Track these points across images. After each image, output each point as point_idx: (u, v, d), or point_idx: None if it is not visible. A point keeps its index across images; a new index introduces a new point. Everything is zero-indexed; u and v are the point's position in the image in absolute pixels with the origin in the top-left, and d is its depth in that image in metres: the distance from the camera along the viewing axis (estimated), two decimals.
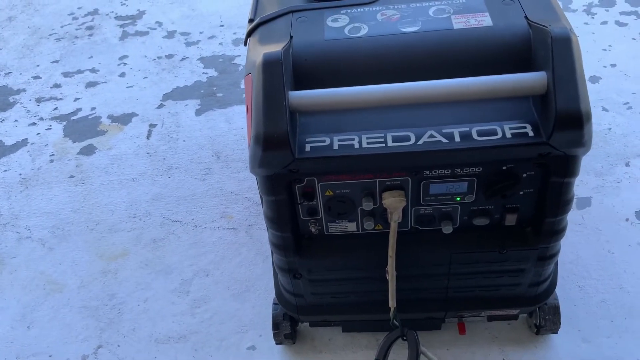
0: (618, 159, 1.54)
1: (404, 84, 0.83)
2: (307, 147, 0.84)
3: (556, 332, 1.15)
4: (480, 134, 0.83)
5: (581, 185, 1.47)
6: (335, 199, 0.92)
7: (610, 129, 1.63)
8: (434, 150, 0.83)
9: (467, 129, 0.83)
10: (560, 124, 0.79)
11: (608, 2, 2.12)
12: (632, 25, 2.01)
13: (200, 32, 2.21)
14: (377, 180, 0.89)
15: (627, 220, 1.39)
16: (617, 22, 2.03)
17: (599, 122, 1.64)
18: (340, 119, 0.87)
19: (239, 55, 2.07)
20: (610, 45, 1.93)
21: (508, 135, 0.82)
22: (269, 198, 0.91)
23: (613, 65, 1.85)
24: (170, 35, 2.21)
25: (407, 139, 0.83)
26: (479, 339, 1.18)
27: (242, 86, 1.93)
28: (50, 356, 1.25)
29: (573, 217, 1.39)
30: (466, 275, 1.01)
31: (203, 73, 2.01)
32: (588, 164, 1.52)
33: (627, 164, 1.53)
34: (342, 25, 0.93)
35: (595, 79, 1.80)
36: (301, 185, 0.90)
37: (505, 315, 1.13)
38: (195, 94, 1.92)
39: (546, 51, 0.81)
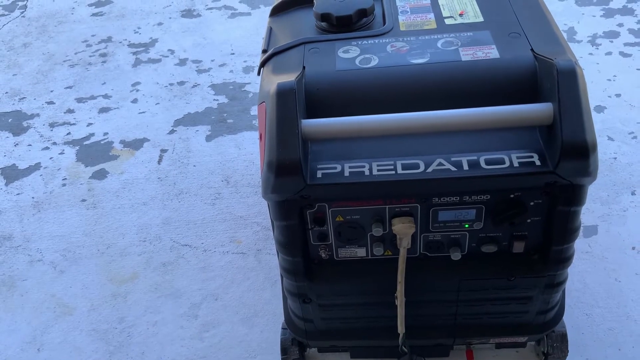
0: (624, 188, 1.56)
1: (413, 114, 0.85)
2: (319, 174, 0.86)
3: None
4: (488, 162, 0.85)
5: (587, 213, 1.48)
6: (346, 225, 0.94)
7: (615, 157, 1.65)
8: (443, 178, 0.84)
9: (476, 157, 0.85)
10: (566, 154, 0.81)
11: (612, 33, 2.16)
12: (636, 56, 2.04)
13: (212, 60, 2.25)
14: (387, 206, 0.91)
15: (633, 248, 1.40)
16: (622, 53, 2.06)
17: (605, 151, 1.66)
18: (351, 146, 0.89)
19: (249, 83, 2.11)
20: (615, 76, 1.95)
21: (515, 164, 0.84)
22: (281, 223, 0.93)
23: (618, 95, 1.87)
24: (182, 62, 2.26)
25: (417, 166, 0.85)
26: None
27: (252, 112, 1.96)
28: None
29: (580, 245, 1.40)
30: (474, 302, 1.02)
31: (214, 100, 2.05)
32: (594, 192, 1.54)
33: (632, 193, 1.54)
34: (353, 56, 0.96)
35: (600, 109, 1.82)
36: (312, 210, 0.92)
37: (513, 342, 1.14)
38: (206, 120, 1.96)
39: (552, 83, 0.83)
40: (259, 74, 1.01)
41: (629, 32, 2.15)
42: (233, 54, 2.28)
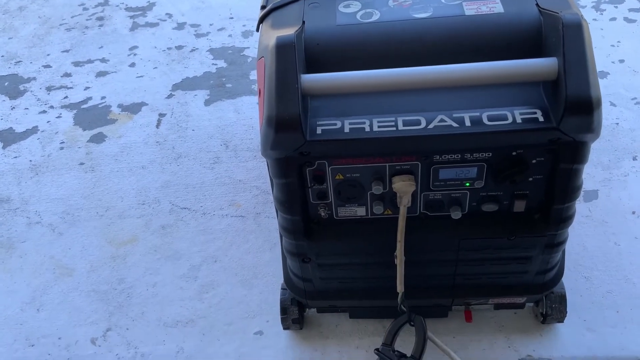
0: (625, 153, 1.55)
1: (415, 69, 0.84)
2: (319, 130, 0.85)
3: (562, 321, 1.15)
4: (490, 119, 0.83)
5: (588, 178, 1.48)
6: (345, 183, 0.93)
7: (617, 123, 1.63)
8: (445, 135, 0.83)
9: (478, 114, 0.84)
10: (570, 110, 0.79)
11: None
12: None
13: (210, 24, 2.22)
14: (387, 164, 0.90)
15: (633, 213, 1.39)
16: (626, 19, 2.03)
17: (607, 117, 1.65)
18: (351, 102, 0.88)
19: (248, 47, 2.08)
20: (618, 41, 1.93)
21: (518, 120, 0.83)
22: (280, 181, 0.92)
23: (621, 61, 1.85)
24: (180, 26, 2.23)
25: (418, 123, 0.84)
26: (485, 327, 1.19)
27: (252, 77, 1.94)
28: (59, 338, 1.26)
29: (580, 209, 1.39)
30: (474, 261, 1.02)
31: (212, 64, 2.02)
32: (596, 157, 1.53)
33: (634, 158, 1.53)
34: (354, 11, 0.94)
35: (603, 75, 1.80)
36: (312, 168, 0.91)
37: (511, 303, 1.14)
38: (205, 85, 1.93)
39: (557, 37, 0.81)
40: (257, 29, 0.99)
41: None
42: (232, 18, 2.24)
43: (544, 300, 1.14)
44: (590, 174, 1.49)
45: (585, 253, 1.31)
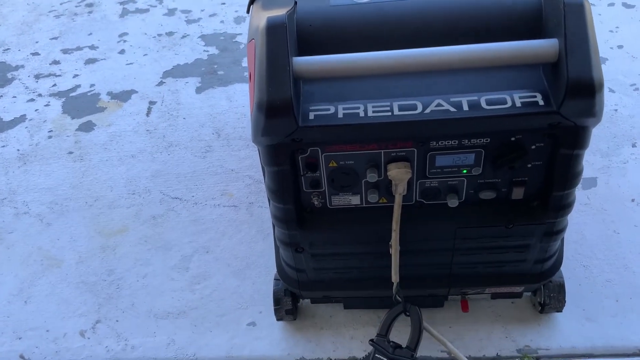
0: (624, 140, 1.52)
1: (411, 50, 0.81)
2: (311, 116, 0.82)
3: (561, 311, 1.13)
4: (489, 103, 0.81)
5: (587, 165, 1.44)
6: (339, 171, 0.90)
7: (617, 110, 1.61)
8: (442, 119, 0.80)
9: (476, 97, 0.81)
10: (571, 93, 0.77)
11: None
12: (639, 7, 1.99)
13: (202, 10, 2.18)
14: (382, 151, 0.87)
15: (632, 200, 1.37)
16: (624, 4, 2.01)
17: (606, 103, 1.60)
18: (345, 87, 0.85)
19: (241, 34, 2.04)
20: (617, 27, 1.90)
21: (518, 104, 0.80)
22: (272, 169, 0.89)
23: (620, 47, 1.82)
24: (171, 12, 2.18)
25: (414, 107, 0.81)
26: (482, 316, 1.17)
27: (244, 64, 1.90)
28: (47, 331, 1.24)
29: (579, 197, 1.37)
30: (471, 250, 1.00)
31: (204, 51, 1.98)
32: (594, 144, 1.50)
33: (633, 145, 1.51)
34: None
35: (602, 60, 1.76)
36: (304, 155, 0.88)
37: (509, 293, 1.12)
38: (196, 72, 1.90)
39: (558, 18, 0.78)
40: (248, 11, 0.95)
41: None
42: (224, 3, 2.20)
43: (542, 289, 1.12)
44: (589, 161, 1.46)
45: (584, 241, 1.29)
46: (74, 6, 2.29)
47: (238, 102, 1.77)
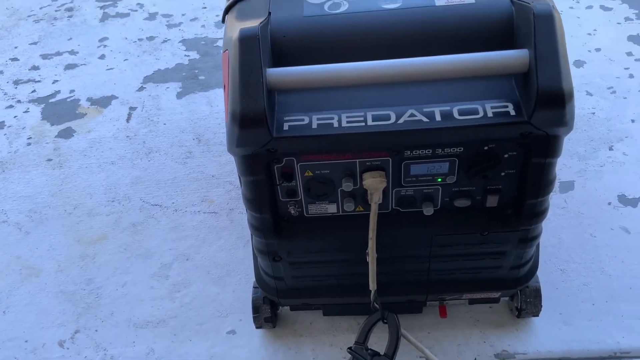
0: (601, 143, 1.54)
1: (384, 62, 0.81)
2: (286, 126, 0.82)
3: (537, 315, 1.14)
4: (461, 113, 0.81)
5: (564, 169, 1.47)
6: (315, 180, 0.90)
7: (594, 113, 1.62)
8: (415, 130, 0.81)
9: (449, 108, 0.82)
10: (541, 103, 0.77)
11: None
12: (617, 9, 2.01)
13: (183, 14, 2.17)
14: (358, 160, 0.88)
15: (609, 204, 1.39)
16: (602, 7, 2.02)
17: (583, 106, 1.64)
18: (320, 97, 0.85)
19: (222, 38, 2.03)
20: (595, 30, 1.92)
21: (489, 114, 0.81)
22: (247, 179, 0.89)
23: (598, 50, 1.84)
24: (152, 17, 2.17)
25: (388, 117, 0.82)
26: (460, 322, 1.18)
27: None
28: (26, 341, 1.23)
29: (556, 200, 1.39)
30: (447, 257, 1.00)
31: (185, 56, 1.98)
32: (571, 147, 1.52)
33: (610, 148, 1.52)
34: (322, 1, 0.91)
35: (579, 63, 1.79)
36: (280, 165, 0.88)
37: (486, 298, 1.13)
38: (177, 77, 1.89)
39: (528, 28, 0.79)
40: (223, 21, 0.95)
41: None
42: (205, 7, 2.19)
43: (519, 294, 1.13)
44: (566, 165, 1.48)
45: (561, 245, 1.30)
46: (53, 10, 2.27)
47: (219, 107, 1.77)
